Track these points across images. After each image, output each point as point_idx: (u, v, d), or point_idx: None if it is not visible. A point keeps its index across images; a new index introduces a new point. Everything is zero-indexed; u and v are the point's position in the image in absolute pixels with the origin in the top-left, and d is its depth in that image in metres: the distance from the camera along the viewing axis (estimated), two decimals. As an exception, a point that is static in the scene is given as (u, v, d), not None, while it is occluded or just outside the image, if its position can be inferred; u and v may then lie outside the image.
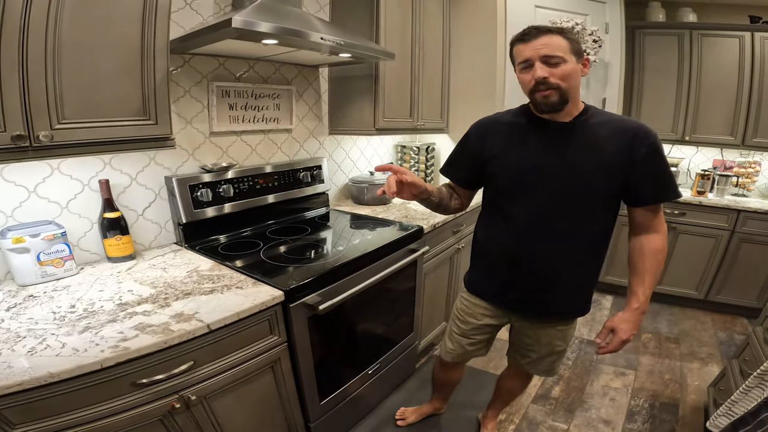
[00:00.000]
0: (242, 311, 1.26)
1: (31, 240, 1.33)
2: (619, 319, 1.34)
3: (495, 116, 1.44)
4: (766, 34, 2.93)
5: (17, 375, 0.90)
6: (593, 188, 1.26)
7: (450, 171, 1.54)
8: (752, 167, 3.28)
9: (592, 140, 1.25)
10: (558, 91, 1.19)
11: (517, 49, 1.24)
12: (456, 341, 1.65)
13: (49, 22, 1.08)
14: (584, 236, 1.32)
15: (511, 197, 1.36)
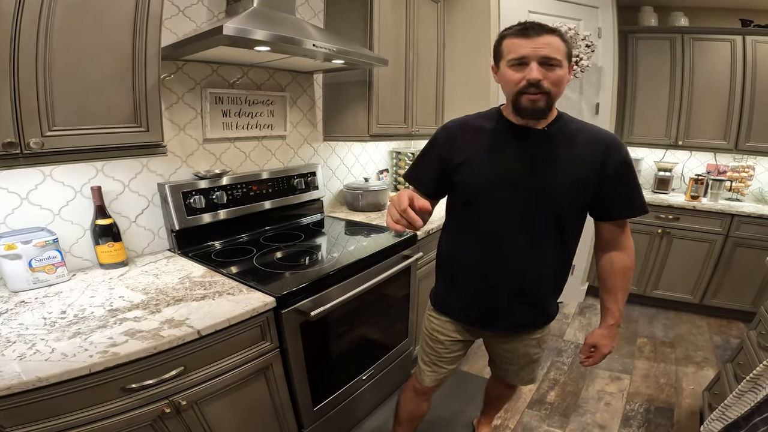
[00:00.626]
0: (233, 317, 1.26)
1: (22, 246, 1.33)
2: (599, 335, 1.36)
3: (464, 119, 1.34)
4: (758, 38, 2.95)
5: (6, 379, 0.90)
6: (566, 200, 1.22)
7: (416, 177, 1.39)
8: (746, 171, 3.30)
9: (566, 151, 1.20)
10: (547, 97, 1.12)
11: (513, 44, 1.12)
12: (432, 363, 1.54)
13: (40, 30, 1.09)
14: (555, 248, 1.28)
15: (481, 208, 1.26)
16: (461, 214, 1.34)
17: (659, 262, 3.28)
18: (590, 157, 1.20)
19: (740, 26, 3.08)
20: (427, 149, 1.37)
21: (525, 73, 1.10)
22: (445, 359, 1.52)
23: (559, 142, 1.21)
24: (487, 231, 1.27)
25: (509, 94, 1.16)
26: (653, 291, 3.35)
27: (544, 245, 1.26)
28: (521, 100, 1.13)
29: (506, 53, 1.14)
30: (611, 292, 1.33)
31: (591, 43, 2.80)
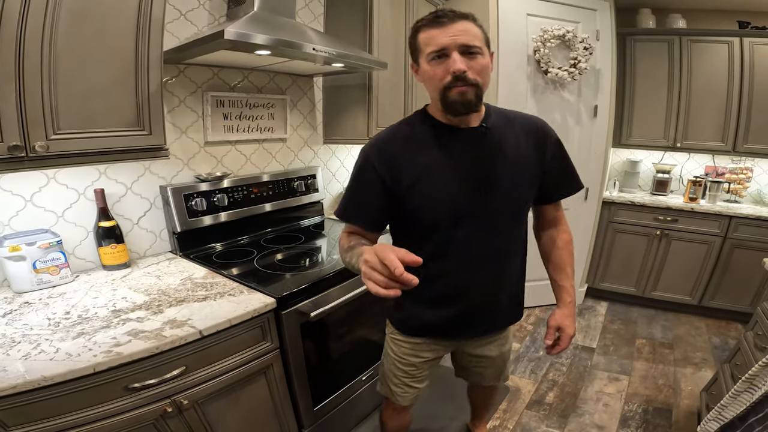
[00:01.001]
0: (234, 318, 1.28)
1: (27, 248, 1.35)
2: (561, 315, 1.31)
3: (391, 133, 1.18)
4: (755, 39, 2.96)
5: (11, 378, 0.92)
6: (523, 194, 1.21)
7: (356, 214, 1.18)
8: (744, 173, 3.32)
9: (510, 145, 1.16)
10: (475, 89, 1.04)
11: (429, 35, 1.03)
12: (404, 384, 1.45)
13: (44, 35, 1.11)
14: (515, 246, 1.28)
15: (446, 227, 1.16)
16: (424, 237, 1.19)
17: (658, 263, 3.29)
18: (531, 145, 1.19)
19: (738, 28, 3.09)
20: (362, 179, 1.16)
21: (447, 66, 1.02)
22: (418, 378, 1.45)
23: (500, 137, 1.16)
24: (455, 245, 1.18)
25: (435, 92, 1.07)
26: (652, 292, 3.37)
27: (510, 243, 1.25)
28: (449, 95, 1.04)
29: (424, 47, 1.05)
30: (561, 268, 1.34)
31: (589, 46, 2.82)
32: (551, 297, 3.41)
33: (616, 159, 3.76)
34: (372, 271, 0.80)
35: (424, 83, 1.10)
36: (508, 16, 2.73)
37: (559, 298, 1.34)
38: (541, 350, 2.81)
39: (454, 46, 1.01)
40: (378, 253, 0.79)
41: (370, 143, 1.17)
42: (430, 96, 1.13)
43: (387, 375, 1.48)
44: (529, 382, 2.47)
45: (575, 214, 3.25)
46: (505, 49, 2.76)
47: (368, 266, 0.81)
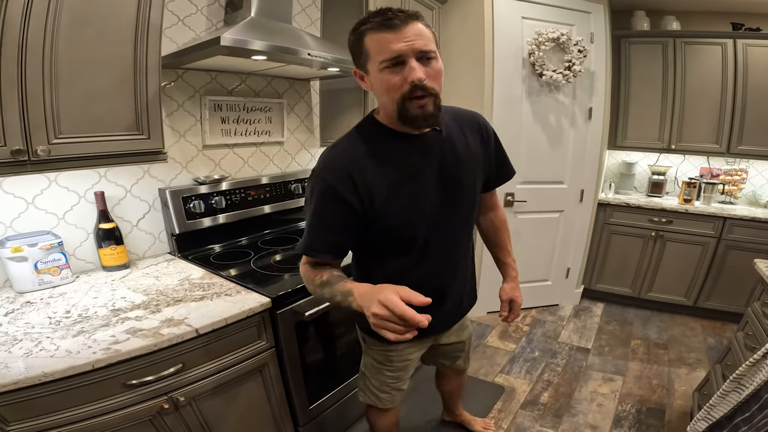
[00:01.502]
0: (230, 317, 1.31)
1: (29, 249, 1.39)
2: (511, 289, 1.46)
3: (347, 152, 1.07)
4: (748, 41, 2.98)
5: (13, 374, 0.95)
6: (477, 191, 1.25)
7: (323, 249, 1.09)
8: (738, 175, 3.35)
9: (461, 143, 1.17)
10: (434, 99, 0.99)
11: (382, 39, 0.93)
12: (393, 389, 1.49)
13: (46, 40, 1.15)
14: (471, 236, 1.35)
15: (419, 238, 1.15)
16: (402, 250, 1.17)
17: (653, 264, 3.31)
18: (477, 140, 1.22)
19: (731, 30, 3.10)
20: (326, 208, 1.05)
21: (404, 74, 0.94)
22: (404, 380, 1.50)
23: (452, 137, 1.15)
24: (432, 251, 1.19)
25: (391, 102, 0.99)
26: (648, 293, 3.39)
27: (469, 237, 1.33)
28: (410, 108, 0.98)
29: (374, 53, 0.96)
30: (503, 246, 1.48)
31: (583, 48, 2.85)
32: (547, 299, 3.46)
33: (611, 161, 3.78)
34: (387, 323, 0.83)
35: (375, 92, 1.03)
36: (503, 19, 2.76)
37: (506, 274, 1.49)
38: (536, 351, 2.83)
39: (411, 52, 0.93)
40: (389, 305, 0.82)
41: (327, 167, 1.05)
42: (380, 104, 1.07)
43: (371, 385, 1.50)
44: (524, 382, 2.50)
45: (570, 216, 3.28)
46: (501, 53, 2.79)
47: (380, 319, 0.83)
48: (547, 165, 3.11)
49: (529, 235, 3.22)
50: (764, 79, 2.98)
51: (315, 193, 1.05)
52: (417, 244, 1.15)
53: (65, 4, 1.16)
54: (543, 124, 3.02)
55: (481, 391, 2.40)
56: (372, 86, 1.03)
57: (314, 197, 1.05)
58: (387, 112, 1.06)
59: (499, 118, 2.87)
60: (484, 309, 3.29)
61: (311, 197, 1.06)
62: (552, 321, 3.26)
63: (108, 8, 1.26)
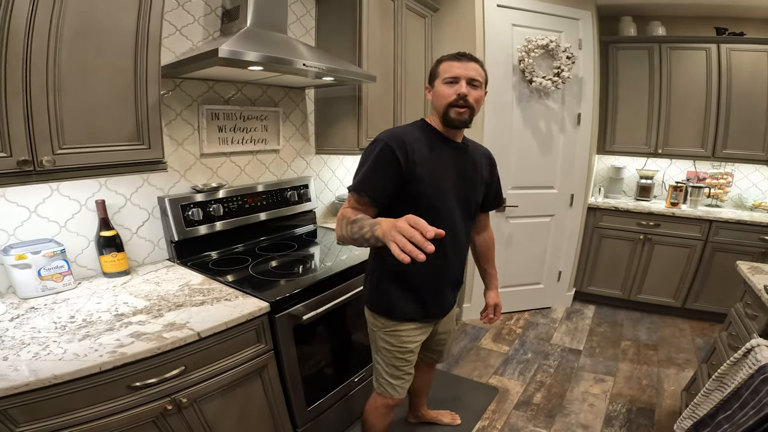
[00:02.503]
0: (230, 321, 1.35)
1: (32, 257, 1.42)
2: (495, 295, 1.84)
3: (401, 130, 1.41)
4: (732, 45, 3.07)
5: (24, 377, 0.99)
6: (479, 198, 1.58)
7: (371, 188, 1.33)
8: (724, 178, 3.43)
9: (474, 160, 1.53)
10: (470, 111, 1.37)
11: (449, 66, 1.37)
12: (406, 374, 1.61)
13: (49, 53, 1.18)
14: (469, 239, 1.63)
15: (436, 212, 1.38)
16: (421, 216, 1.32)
17: (642, 267, 3.38)
18: (485, 165, 1.59)
19: (715, 34, 3.19)
20: (381, 160, 1.32)
21: (456, 89, 1.34)
22: (412, 363, 1.62)
23: (471, 154, 1.53)
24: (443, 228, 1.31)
25: (441, 107, 1.38)
26: (637, 295, 3.46)
27: (467, 235, 1.59)
28: (450, 112, 1.36)
29: (442, 73, 1.38)
30: (490, 261, 1.85)
31: (572, 55, 2.92)
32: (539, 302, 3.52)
33: (601, 165, 3.86)
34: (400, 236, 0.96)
35: (434, 99, 1.42)
36: (493, 27, 2.83)
37: (490, 282, 1.85)
38: (529, 352, 2.88)
39: (465, 76, 1.34)
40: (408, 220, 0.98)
41: (389, 134, 1.36)
42: (435, 109, 1.43)
43: (384, 371, 1.61)
44: (517, 384, 2.55)
45: (561, 220, 3.34)
46: (491, 60, 2.85)
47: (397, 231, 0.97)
48: (538, 170, 3.17)
49: (521, 240, 3.28)
50: (747, 84, 3.07)
51: (375, 149, 1.34)
52: (433, 214, 1.32)
53: (67, 17, 1.20)
54: (533, 130, 3.08)
55: (475, 393, 2.44)
56: (432, 96, 1.43)
57: (373, 152, 1.34)
58: (438, 116, 1.43)
59: (490, 124, 2.93)
60: (478, 312, 3.33)
61: (371, 153, 1.34)
62: (544, 323, 3.32)
63: (108, 20, 1.29)
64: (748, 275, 1.90)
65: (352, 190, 1.36)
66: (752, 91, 3.06)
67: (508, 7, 2.84)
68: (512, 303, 3.43)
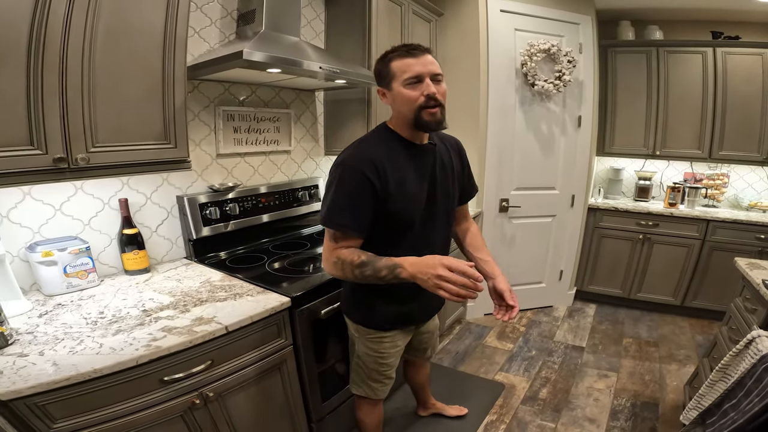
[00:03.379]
0: (255, 315, 1.39)
1: (59, 254, 1.45)
2: (503, 280, 1.51)
3: (366, 147, 1.30)
4: (728, 49, 3.15)
5: (63, 371, 1.01)
6: (455, 199, 1.51)
7: (351, 221, 1.25)
8: (720, 179, 3.51)
9: (447, 159, 1.46)
10: (442, 109, 1.26)
11: (405, 64, 1.23)
12: (386, 378, 1.64)
13: (84, 52, 1.22)
14: (449, 240, 1.60)
15: (415, 225, 1.36)
16: (397, 236, 1.36)
17: (641, 266, 3.45)
18: (457, 159, 1.52)
19: (711, 38, 3.27)
20: (355, 189, 1.24)
21: (422, 90, 1.22)
22: (393, 368, 1.64)
23: (441, 152, 1.44)
24: (419, 240, 1.39)
25: (410, 111, 1.25)
26: (637, 294, 3.52)
27: (448, 239, 1.57)
28: (423, 115, 1.24)
29: (400, 73, 1.24)
30: (482, 248, 1.65)
31: (572, 59, 2.99)
32: (542, 300, 3.57)
33: (600, 167, 3.93)
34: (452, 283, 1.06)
35: (395, 104, 1.28)
36: (497, 31, 2.89)
37: (492, 270, 1.56)
38: (534, 350, 2.94)
39: (427, 73, 1.23)
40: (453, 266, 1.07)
41: (356, 157, 1.26)
42: (398, 114, 1.31)
43: (365, 375, 1.63)
44: (523, 380, 2.60)
45: (562, 220, 3.41)
46: (495, 63, 2.92)
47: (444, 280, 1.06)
48: (540, 171, 3.23)
49: (524, 240, 3.33)
50: (743, 86, 3.14)
51: (346, 177, 1.24)
52: (412, 229, 1.36)
53: (102, 17, 1.24)
54: (535, 132, 3.15)
55: (483, 389, 2.48)
56: (393, 100, 1.29)
57: (344, 180, 1.24)
58: (404, 121, 1.30)
59: (493, 127, 3.00)
60: (481, 311, 3.39)
61: (343, 181, 1.24)
62: (547, 321, 3.37)
63: (139, 21, 1.33)
64: (746, 271, 1.96)
65: (333, 227, 1.26)
66: (747, 94, 3.14)
67: (511, 12, 2.90)
68: (515, 302, 3.48)
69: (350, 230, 1.26)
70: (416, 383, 2.14)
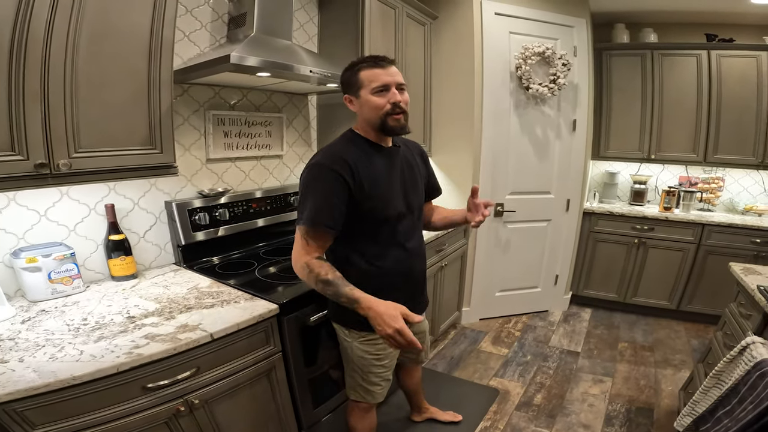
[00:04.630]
0: (241, 322, 1.37)
1: (43, 260, 1.43)
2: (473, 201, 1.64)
3: (338, 148, 1.39)
4: (722, 52, 3.15)
5: (43, 377, 1.00)
6: (422, 195, 1.61)
7: (328, 219, 1.31)
8: (715, 183, 3.50)
9: (411, 159, 1.57)
10: (405, 115, 1.38)
11: (373, 74, 1.33)
12: (384, 380, 1.63)
13: (67, 56, 1.20)
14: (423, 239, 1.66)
15: (390, 221, 1.44)
16: (375, 232, 1.44)
17: (637, 270, 3.44)
18: (420, 160, 1.64)
19: (705, 41, 3.26)
20: (329, 187, 1.31)
21: (389, 97, 1.33)
22: (390, 369, 1.64)
23: (404, 154, 1.54)
24: (398, 237, 1.49)
25: (377, 117, 1.36)
26: (633, 298, 3.51)
27: (422, 234, 1.65)
28: (389, 121, 1.35)
29: (368, 82, 1.34)
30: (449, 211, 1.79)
31: (567, 62, 2.98)
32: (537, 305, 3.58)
33: (595, 171, 3.92)
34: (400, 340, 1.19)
35: (363, 110, 1.38)
36: (492, 35, 2.88)
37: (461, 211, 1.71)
38: (529, 355, 2.92)
39: (393, 83, 1.34)
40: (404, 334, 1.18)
41: (328, 157, 1.34)
42: (365, 120, 1.40)
43: (362, 379, 1.61)
44: (518, 385, 2.58)
45: (557, 225, 3.39)
46: (489, 67, 2.91)
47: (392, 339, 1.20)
48: (535, 176, 3.22)
49: (519, 244, 3.32)
50: (737, 89, 3.14)
51: (322, 176, 1.31)
52: (388, 225, 1.45)
53: (85, 21, 1.22)
54: (530, 136, 3.14)
55: (477, 394, 2.47)
56: (360, 107, 1.39)
57: (318, 179, 1.32)
58: (371, 126, 1.40)
59: (488, 131, 2.99)
60: (476, 316, 3.37)
61: (317, 180, 1.32)
62: (542, 326, 3.36)
63: (124, 25, 1.32)
64: (741, 276, 1.94)
65: (308, 224, 1.30)
66: (742, 97, 3.14)
67: (506, 15, 2.90)
68: (510, 306, 3.48)
69: (324, 228, 1.31)
70: (409, 388, 2.13)
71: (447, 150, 3.13)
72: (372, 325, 1.22)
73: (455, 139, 3.06)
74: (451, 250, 2.80)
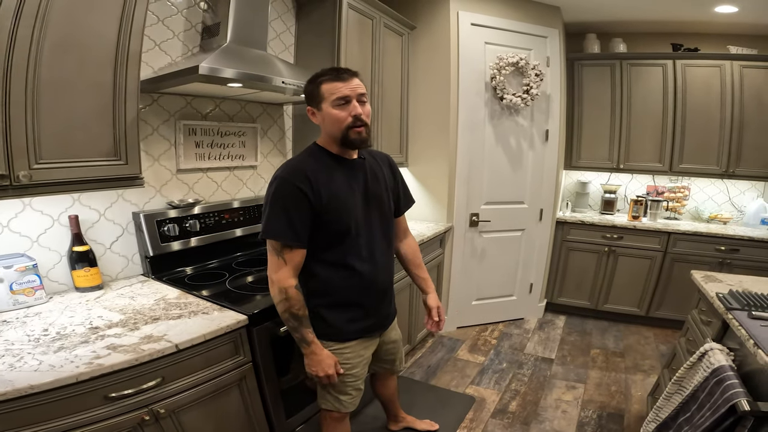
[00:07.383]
0: (208, 333, 1.36)
1: (4, 271, 1.40)
2: (435, 298, 1.79)
3: (297, 162, 1.43)
4: (687, 61, 3.25)
5: (1, 386, 0.98)
6: (389, 206, 1.60)
7: (292, 233, 1.34)
8: (681, 192, 3.61)
9: (378, 171, 1.57)
10: (367, 128, 1.39)
11: (334, 87, 1.34)
12: (354, 389, 1.62)
13: (29, 66, 1.18)
14: (392, 251, 1.67)
15: (353, 234, 1.45)
16: (337, 244, 1.45)
17: (608, 278, 3.51)
18: (388, 171, 1.63)
19: (671, 50, 3.37)
20: (290, 200, 1.34)
21: (349, 110, 1.34)
22: (361, 378, 1.63)
23: (370, 166, 1.54)
24: (360, 249, 1.49)
25: (338, 130, 1.37)
26: (604, 305, 3.58)
27: (389, 244, 1.63)
28: (350, 134, 1.36)
29: (329, 95, 1.35)
30: (421, 266, 1.81)
31: (540, 72, 3.05)
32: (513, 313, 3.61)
33: (568, 180, 4.01)
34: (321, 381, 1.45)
35: (325, 123, 1.39)
36: (468, 45, 2.94)
37: (427, 286, 1.79)
38: (504, 362, 2.94)
39: (354, 95, 1.35)
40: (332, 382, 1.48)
41: (288, 171, 1.37)
42: (327, 133, 1.42)
43: (332, 388, 1.59)
44: (494, 393, 2.59)
45: (531, 234, 3.45)
46: (465, 77, 2.97)
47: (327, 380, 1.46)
48: (509, 186, 3.28)
49: (494, 253, 3.36)
50: (702, 98, 3.25)
51: (282, 191, 1.34)
52: (349, 236, 1.44)
53: (49, 30, 1.21)
54: (504, 146, 3.20)
55: (453, 402, 2.47)
56: (322, 120, 1.40)
57: (282, 195, 1.34)
58: (333, 139, 1.41)
59: (464, 141, 3.03)
60: (454, 324, 3.39)
61: (279, 195, 1.34)
62: (518, 334, 3.39)
63: (90, 35, 1.31)
64: (701, 283, 2.00)
65: (273, 238, 1.35)
66: (706, 106, 3.25)
67: (482, 26, 2.96)
68: (487, 315, 3.51)
69: (290, 241, 1.35)
70: (384, 397, 2.12)
71: (423, 160, 3.17)
72: (306, 364, 1.44)
73: (431, 148, 3.10)
74: (427, 259, 2.82)
